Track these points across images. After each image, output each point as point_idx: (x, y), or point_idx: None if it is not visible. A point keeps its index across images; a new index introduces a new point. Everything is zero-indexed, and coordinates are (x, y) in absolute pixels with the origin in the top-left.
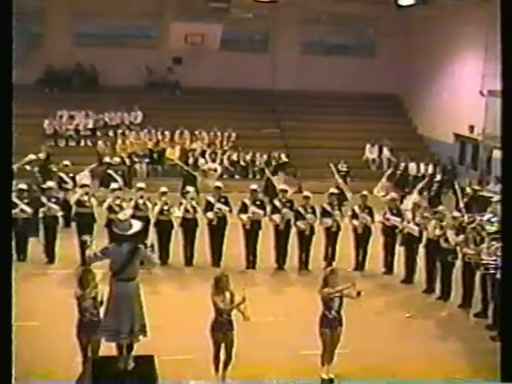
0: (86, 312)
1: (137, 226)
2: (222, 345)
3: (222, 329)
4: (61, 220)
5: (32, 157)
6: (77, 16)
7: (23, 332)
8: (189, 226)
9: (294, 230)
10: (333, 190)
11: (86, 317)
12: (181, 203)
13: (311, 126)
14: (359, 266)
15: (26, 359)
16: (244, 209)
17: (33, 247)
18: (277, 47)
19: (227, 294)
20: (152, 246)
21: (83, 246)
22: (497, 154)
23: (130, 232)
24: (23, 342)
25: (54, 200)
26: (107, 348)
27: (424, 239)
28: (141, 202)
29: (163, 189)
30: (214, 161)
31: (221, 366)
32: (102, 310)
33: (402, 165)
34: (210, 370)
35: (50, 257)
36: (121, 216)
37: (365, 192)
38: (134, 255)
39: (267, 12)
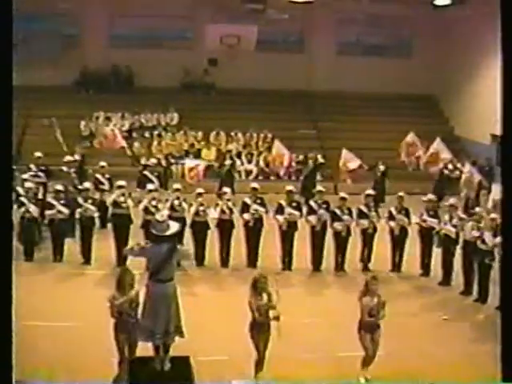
0: (122, 313)
1: (174, 227)
2: (261, 345)
3: (260, 329)
4: (97, 221)
5: (69, 158)
6: (113, 18)
7: (59, 332)
8: (225, 227)
9: (330, 232)
10: (369, 191)
11: (122, 318)
12: (217, 204)
13: (347, 127)
14: (396, 267)
15: (62, 359)
16: (280, 210)
17: (69, 248)
18: (312, 48)
19: (264, 296)
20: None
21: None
22: None
23: (168, 233)
24: (59, 342)
25: (90, 201)
26: (144, 349)
27: (461, 241)
28: (177, 203)
29: (199, 190)
30: (249, 162)
31: (256, 366)
32: (139, 311)
33: None
34: (245, 371)
35: (86, 257)
36: (158, 217)
37: (401, 193)
38: (171, 255)
39: (303, 13)
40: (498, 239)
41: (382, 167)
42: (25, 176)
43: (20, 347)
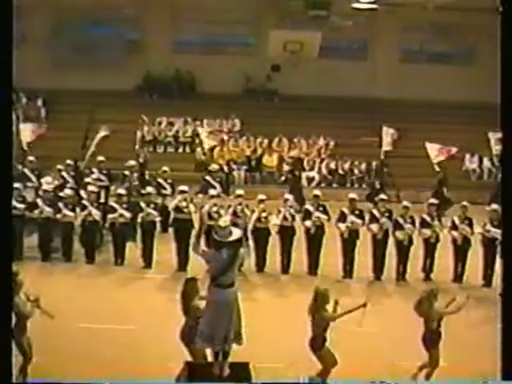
0: (189, 318)
1: (236, 233)
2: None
3: (315, 344)
4: (158, 225)
5: (131, 162)
6: (176, 23)
7: (119, 335)
8: (286, 233)
9: (391, 240)
10: (432, 200)
11: (189, 323)
12: (279, 211)
13: (410, 135)
14: (458, 277)
15: (122, 361)
16: (342, 218)
17: (130, 252)
18: (376, 55)
19: (328, 308)
20: None
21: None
22: None
23: (231, 239)
24: (119, 344)
25: (152, 205)
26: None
27: None
28: (239, 209)
29: (261, 196)
30: (311, 169)
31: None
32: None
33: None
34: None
35: (147, 261)
36: (221, 223)
37: (465, 202)
38: (233, 261)
39: (367, 19)
40: None
41: (440, 175)
42: (87, 180)
43: (80, 349)
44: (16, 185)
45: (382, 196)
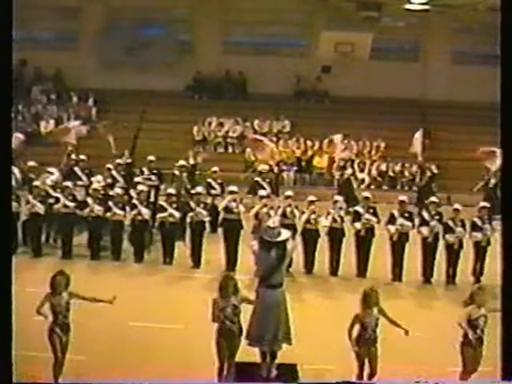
0: (226, 319)
1: (285, 234)
2: (366, 359)
3: (366, 343)
4: (208, 225)
5: (181, 162)
6: (227, 24)
7: (168, 334)
8: (335, 235)
9: (442, 243)
10: (484, 203)
11: (226, 324)
12: (328, 212)
13: (462, 138)
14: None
15: (169, 360)
16: (392, 220)
17: (179, 251)
18: (428, 56)
19: (375, 310)
20: None
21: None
22: None
23: (279, 239)
24: (168, 343)
25: (202, 205)
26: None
27: None
28: (288, 210)
29: (311, 197)
30: (362, 171)
31: (365, 379)
32: (242, 317)
33: None
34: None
35: (196, 261)
36: (270, 223)
37: None
38: (281, 261)
39: (419, 21)
40: None
41: (493, 180)
42: (137, 179)
43: (128, 348)
44: (67, 183)
45: (433, 199)
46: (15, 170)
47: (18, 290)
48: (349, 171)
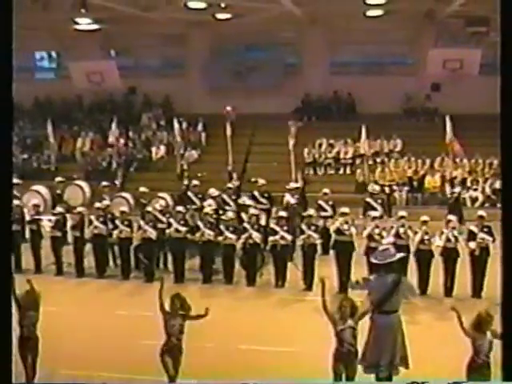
0: (344, 342)
1: (397, 255)
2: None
3: (479, 370)
4: (319, 247)
5: (292, 185)
6: (334, 45)
7: (279, 357)
8: (449, 255)
9: None
10: None
11: (343, 347)
12: (442, 232)
13: None
14: None
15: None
16: (472, 236)
17: (291, 273)
18: None
19: (488, 334)
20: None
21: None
22: None
23: (388, 261)
24: (279, 367)
25: (313, 228)
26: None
27: None
28: (402, 230)
29: (424, 217)
30: (475, 189)
31: None
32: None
33: None
34: None
35: (308, 284)
36: (382, 245)
37: None
38: (397, 286)
39: None
40: None
41: None
42: (248, 202)
43: (238, 370)
44: (179, 208)
45: None
46: (127, 196)
47: (131, 314)
48: (458, 190)
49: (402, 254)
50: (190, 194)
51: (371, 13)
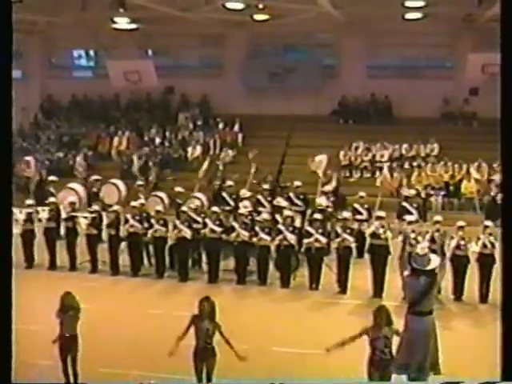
0: (376, 350)
1: (435, 261)
2: None
3: None
4: (354, 251)
5: (327, 188)
6: (371, 48)
7: (312, 360)
8: (486, 261)
9: None
10: None
11: (376, 355)
12: (478, 238)
13: None
14: None
15: None
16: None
17: (325, 276)
18: None
19: None
20: None
21: None
22: None
23: (429, 267)
24: (312, 369)
25: (348, 231)
26: None
27: None
28: (437, 235)
29: (460, 223)
30: None
31: None
32: (394, 348)
33: None
34: None
35: (342, 287)
36: (419, 250)
37: None
38: (431, 288)
39: None
40: None
41: None
42: (283, 204)
43: (271, 373)
44: (214, 208)
45: None
46: (162, 195)
47: (164, 314)
48: (494, 194)
49: (439, 260)
50: (224, 194)
51: (410, 16)
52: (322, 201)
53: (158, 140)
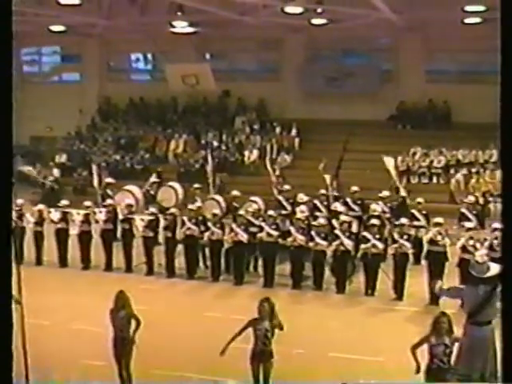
0: (434, 358)
1: (495, 269)
2: None
3: None
4: (411, 257)
5: (385, 193)
6: (429, 52)
7: (367, 366)
8: None
9: None
10: None
11: (433, 362)
12: None
13: None
14: None
15: None
16: None
17: (381, 282)
18: None
19: None
20: None
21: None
22: None
23: (487, 275)
24: (367, 375)
25: (405, 237)
26: None
27: None
28: (496, 242)
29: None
30: None
31: None
32: (452, 357)
33: None
34: None
35: (399, 293)
36: (478, 258)
37: None
38: (491, 297)
39: None
40: None
41: None
42: (340, 209)
43: (327, 378)
44: (270, 212)
45: None
46: (219, 198)
47: (220, 317)
48: None
49: (498, 268)
50: (281, 198)
51: (469, 20)
52: (375, 207)
53: (215, 143)
